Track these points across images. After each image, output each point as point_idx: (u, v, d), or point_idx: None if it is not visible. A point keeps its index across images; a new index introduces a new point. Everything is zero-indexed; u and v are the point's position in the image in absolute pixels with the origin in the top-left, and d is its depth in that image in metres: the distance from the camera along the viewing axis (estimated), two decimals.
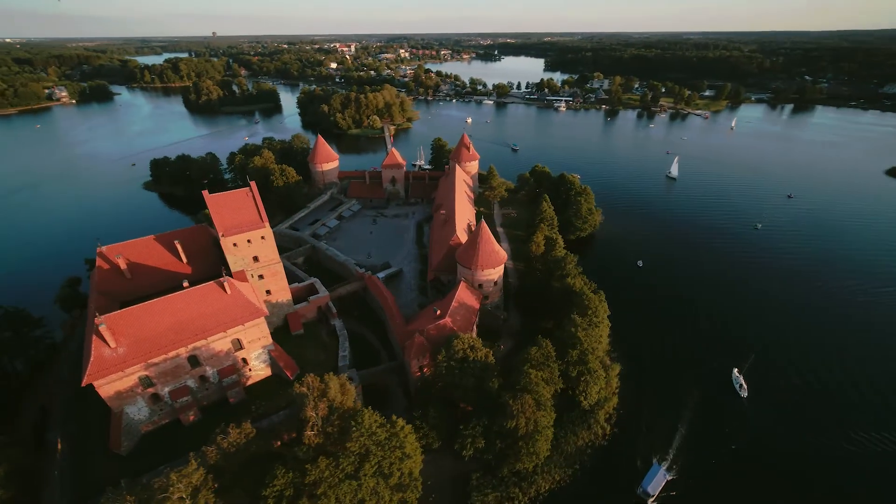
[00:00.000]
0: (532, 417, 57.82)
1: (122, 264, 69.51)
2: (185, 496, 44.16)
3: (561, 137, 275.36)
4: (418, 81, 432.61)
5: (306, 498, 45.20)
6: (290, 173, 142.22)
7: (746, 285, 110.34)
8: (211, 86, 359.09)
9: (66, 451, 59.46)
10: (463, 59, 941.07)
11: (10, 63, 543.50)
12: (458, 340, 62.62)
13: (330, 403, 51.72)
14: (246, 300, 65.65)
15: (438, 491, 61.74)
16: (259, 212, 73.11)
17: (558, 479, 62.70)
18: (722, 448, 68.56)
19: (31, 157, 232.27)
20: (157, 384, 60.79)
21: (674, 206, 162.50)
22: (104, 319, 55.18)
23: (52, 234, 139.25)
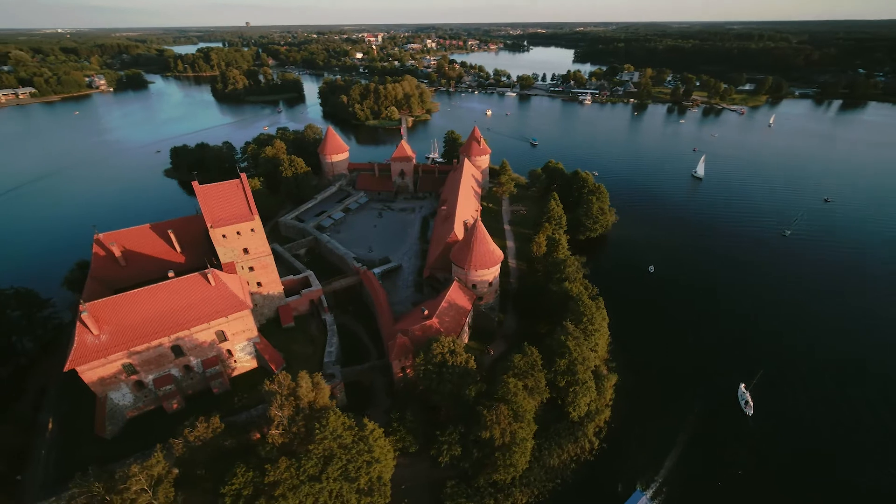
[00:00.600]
0: (508, 429, 55.30)
1: (117, 251, 70.87)
2: (147, 488, 44.44)
3: (584, 132, 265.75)
4: (441, 72, 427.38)
5: (264, 498, 44.60)
6: (300, 164, 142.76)
7: (765, 297, 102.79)
8: (237, 75, 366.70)
9: (55, 431, 61.51)
10: (490, 50, 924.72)
11: (57, 52, 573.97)
12: (437, 344, 60.52)
13: (297, 403, 50.86)
14: (230, 292, 65.70)
15: (413, 495, 60.41)
16: (249, 204, 72.88)
17: (537, 493, 60.09)
18: (720, 471, 64.02)
19: (67, 142, 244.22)
20: (141, 372, 61.83)
21: (696, 208, 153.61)
22: (87, 307, 56.23)
23: (71, 218, 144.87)
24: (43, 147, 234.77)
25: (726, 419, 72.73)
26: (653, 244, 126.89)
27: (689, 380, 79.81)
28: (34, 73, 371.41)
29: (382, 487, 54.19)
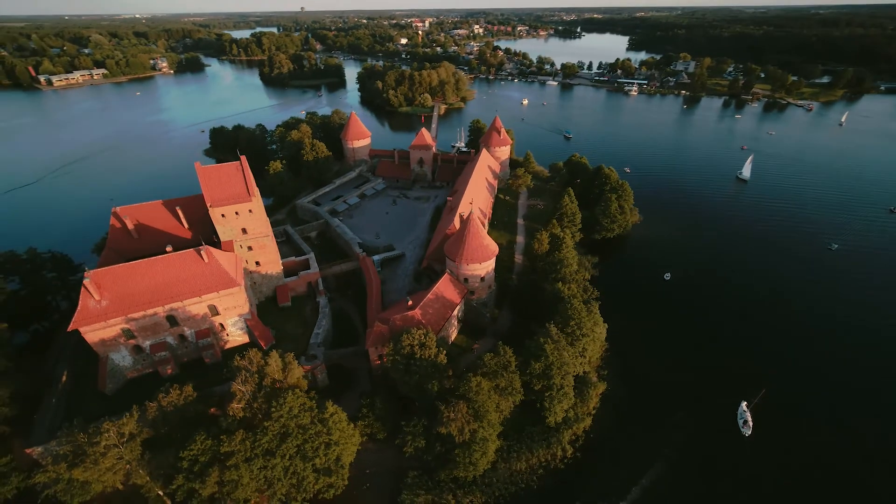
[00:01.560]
0: (466, 427, 54.53)
1: (130, 224, 76.42)
2: (117, 444, 48.36)
3: (624, 126, 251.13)
4: (482, 59, 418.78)
5: (218, 467, 47.13)
6: (321, 148, 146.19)
7: (793, 316, 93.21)
8: (283, 60, 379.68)
9: (67, 384, 68.21)
10: (539, 36, 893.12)
11: (130, 36, 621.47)
12: (407, 336, 60.39)
13: (261, 380, 52.94)
14: (222, 270, 69.04)
15: (375, 481, 61.55)
16: (247, 186, 75.69)
17: (498, 495, 59.10)
18: (698, 497, 59.84)
19: (127, 120, 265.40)
20: (139, 337, 66.85)
21: (735, 214, 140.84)
22: (90, 274, 61.29)
23: (115, 189, 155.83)
24: (108, 124, 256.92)
25: (719, 439, 67.78)
26: (676, 249, 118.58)
27: (689, 396, 74.53)
28: (107, 56, 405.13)
29: (340, 469, 55.53)
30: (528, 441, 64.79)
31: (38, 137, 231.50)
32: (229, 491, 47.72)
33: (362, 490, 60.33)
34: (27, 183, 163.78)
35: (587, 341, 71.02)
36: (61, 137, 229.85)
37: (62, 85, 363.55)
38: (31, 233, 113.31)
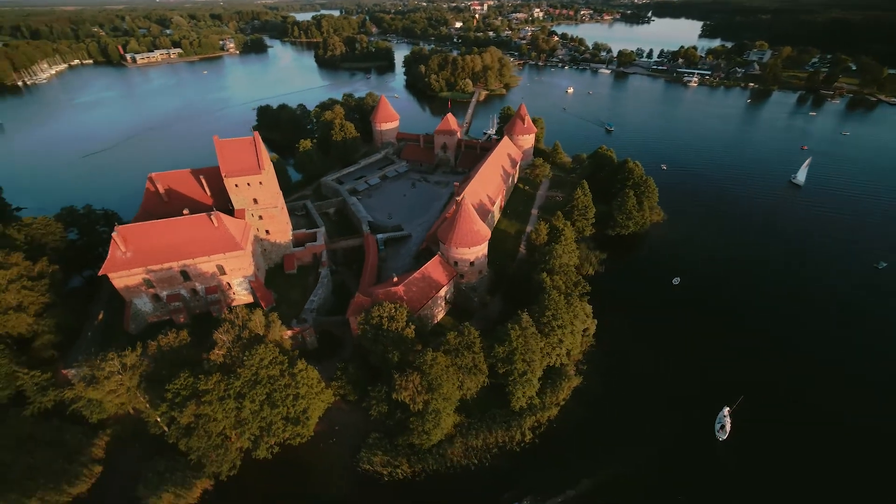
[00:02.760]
0: (419, 397, 57.84)
1: (161, 189, 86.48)
2: (119, 371, 57.14)
3: (674, 119, 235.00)
4: (535, 45, 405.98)
5: (195, 402, 54.32)
6: (349, 129, 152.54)
7: (807, 334, 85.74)
8: (337, 42, 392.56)
9: (101, 322, 79.84)
10: (604, 21, 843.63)
11: (207, 18, 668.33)
12: (378, 308, 64.36)
13: (240, 333, 59.47)
14: (229, 234, 76.71)
15: (342, 437, 66.96)
16: (258, 159, 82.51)
17: (448, 466, 62.27)
18: (653, 492, 59.27)
19: (191, 96, 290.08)
20: (157, 287, 76.61)
21: (775, 220, 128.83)
22: (118, 229, 71.08)
23: (170, 157, 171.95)
24: (177, 99, 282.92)
25: (690, 442, 66.14)
26: (696, 253, 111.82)
27: (668, 401, 72.51)
28: (183, 37, 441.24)
29: (306, 421, 61.32)
30: (489, 421, 67.03)
31: (118, 109, 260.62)
32: (204, 423, 54.88)
33: (328, 443, 66.05)
34: (101, 149, 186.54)
35: (563, 333, 71.01)
36: (137, 110, 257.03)
37: (144, 63, 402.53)
38: (93, 192, 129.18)
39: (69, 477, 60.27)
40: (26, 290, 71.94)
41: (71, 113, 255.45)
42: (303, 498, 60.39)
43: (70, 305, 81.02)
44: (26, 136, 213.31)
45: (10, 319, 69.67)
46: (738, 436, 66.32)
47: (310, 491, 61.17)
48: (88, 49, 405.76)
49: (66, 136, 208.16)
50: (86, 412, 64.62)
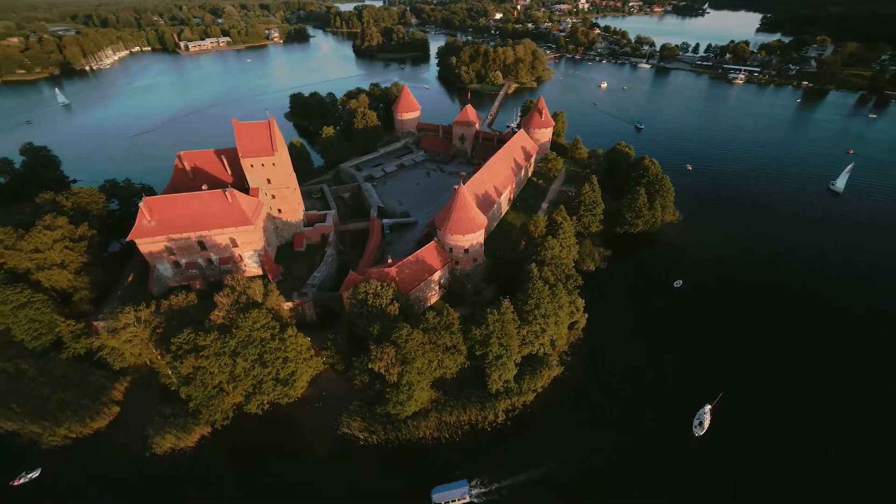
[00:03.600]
0: (393, 369, 61.65)
1: (188, 166, 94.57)
2: (134, 323, 64.71)
3: (714, 118, 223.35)
4: (573, 37, 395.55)
5: (194, 356, 60.82)
6: (371, 117, 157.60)
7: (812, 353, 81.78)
8: (374, 33, 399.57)
9: (131, 283, 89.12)
10: (654, 13, 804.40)
11: (256, 8, 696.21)
12: (366, 284, 68.50)
13: (238, 298, 65.45)
14: (241, 210, 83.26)
15: (327, 402, 72.17)
16: (272, 142, 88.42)
17: (420, 437, 65.98)
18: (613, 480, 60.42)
19: (234, 82, 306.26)
20: (177, 254, 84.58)
21: (805, 229, 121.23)
22: (144, 200, 79.13)
23: (208, 139, 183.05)
24: (221, 85, 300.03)
25: (665, 436, 66.45)
26: (706, 257, 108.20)
27: (650, 398, 72.63)
28: (231, 26, 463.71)
29: (294, 383, 66.91)
30: (465, 400, 70.02)
31: (167, 93, 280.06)
32: (202, 375, 61.36)
33: (315, 407, 71.46)
34: (148, 130, 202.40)
35: (546, 322, 72.40)
36: (184, 94, 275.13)
37: (196, 50, 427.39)
38: (135, 168, 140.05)
39: (92, 413, 69.10)
40: (68, 249, 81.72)
41: (127, 96, 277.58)
42: (287, 453, 66.21)
43: (106, 266, 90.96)
44: (88, 116, 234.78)
45: (53, 274, 79.62)
46: (715, 433, 65.92)
47: (293, 447, 66.95)
48: (148, 37, 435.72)
49: (120, 117, 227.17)
50: (110, 359, 73.56)
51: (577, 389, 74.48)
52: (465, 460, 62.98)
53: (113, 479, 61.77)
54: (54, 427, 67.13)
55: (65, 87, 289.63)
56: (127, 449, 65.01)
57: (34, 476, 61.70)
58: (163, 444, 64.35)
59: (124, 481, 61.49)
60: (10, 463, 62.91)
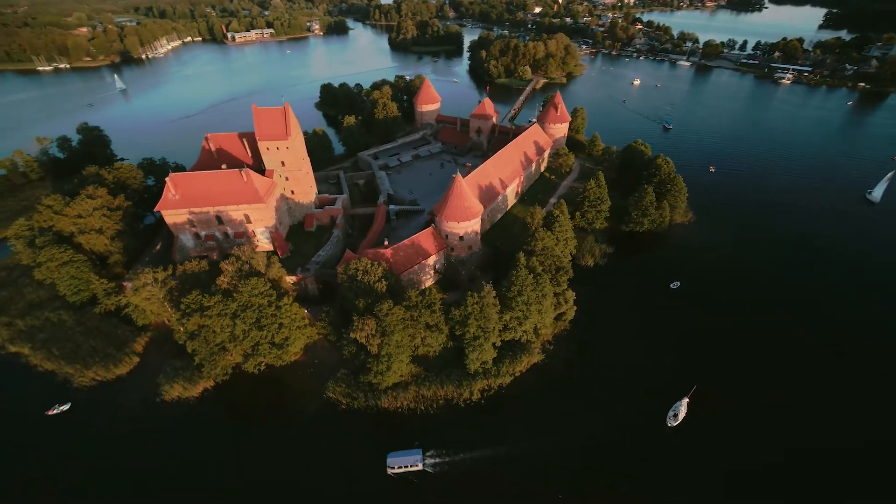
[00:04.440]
0: (374, 341, 66.22)
1: (213, 148, 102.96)
2: (151, 283, 72.84)
3: (750, 120, 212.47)
4: (611, 33, 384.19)
5: (199, 315, 67.93)
6: (391, 109, 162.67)
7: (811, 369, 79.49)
8: (409, 26, 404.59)
9: (159, 251, 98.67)
10: (705, 8, 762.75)
11: (300, 0, 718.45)
12: (357, 261, 73.37)
13: (241, 266, 72.06)
14: (254, 189, 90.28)
15: (317, 369, 78.00)
16: (286, 127, 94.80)
17: (397, 406, 70.43)
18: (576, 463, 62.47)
19: (274, 72, 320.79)
20: (198, 227, 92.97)
21: (829, 237, 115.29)
22: (171, 176, 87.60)
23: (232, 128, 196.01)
24: (261, 74, 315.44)
25: (636, 426, 67.72)
26: (712, 259, 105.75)
27: (629, 389, 73.64)
28: (275, 18, 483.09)
29: (287, 348, 73.13)
30: (444, 377, 73.77)
31: (211, 82, 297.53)
32: (205, 333, 68.52)
33: (307, 372, 77.49)
34: (188, 115, 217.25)
35: (528, 310, 74.57)
36: (225, 83, 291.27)
37: (241, 41, 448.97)
38: (172, 149, 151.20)
39: (115, 361, 78.42)
40: (105, 217, 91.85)
41: (176, 83, 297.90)
42: (277, 410, 72.70)
43: (140, 236, 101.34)
44: (140, 100, 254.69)
45: (92, 238, 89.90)
46: (688, 425, 66.73)
47: (283, 406, 73.35)
48: (199, 28, 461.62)
49: (167, 102, 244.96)
50: (134, 316, 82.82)
51: (556, 377, 76.43)
52: (430, 432, 66.94)
53: (128, 418, 70.27)
54: (84, 370, 76.82)
55: (123, 74, 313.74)
56: (142, 393, 73.48)
57: (65, 409, 71.28)
58: (171, 392, 72.37)
59: (137, 420, 69.83)
60: (46, 396, 72.83)
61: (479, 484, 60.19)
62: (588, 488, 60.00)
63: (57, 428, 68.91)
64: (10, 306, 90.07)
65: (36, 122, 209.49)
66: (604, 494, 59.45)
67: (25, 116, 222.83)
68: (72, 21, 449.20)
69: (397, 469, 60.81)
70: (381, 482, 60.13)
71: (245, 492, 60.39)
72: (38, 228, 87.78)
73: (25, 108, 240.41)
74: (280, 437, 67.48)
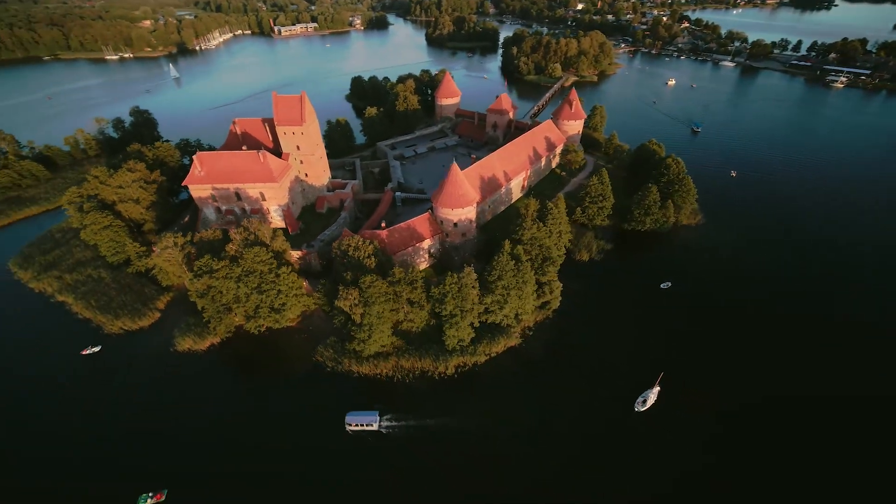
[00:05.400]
0: (356, 310, 72.13)
1: (239, 131, 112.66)
2: (172, 246, 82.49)
3: (792, 124, 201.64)
4: (653, 31, 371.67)
5: (208, 276, 76.53)
6: (412, 101, 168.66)
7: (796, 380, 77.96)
8: (446, 21, 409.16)
9: (186, 222, 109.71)
10: (766, 6, 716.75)
11: None
12: (349, 238, 79.51)
13: (248, 237, 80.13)
14: (269, 169, 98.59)
15: (311, 335, 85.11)
16: (301, 114, 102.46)
17: (376, 372, 76.21)
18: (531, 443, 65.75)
19: (312, 65, 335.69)
20: (219, 202, 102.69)
21: (843, 252, 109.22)
22: (197, 155, 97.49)
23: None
24: (301, 66, 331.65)
25: (603, 410, 70.34)
26: (713, 262, 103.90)
27: (604, 377, 75.73)
28: (319, 13, 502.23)
29: (284, 313, 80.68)
30: (423, 351, 78.80)
31: (255, 72, 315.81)
32: (213, 293, 77.11)
33: (301, 338, 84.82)
34: (229, 103, 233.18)
35: (507, 294, 78.03)
36: (267, 74, 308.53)
37: (287, 35, 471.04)
38: (208, 132, 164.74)
39: (140, 315, 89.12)
40: (142, 189, 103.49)
41: (223, 73, 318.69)
42: (270, 367, 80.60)
43: (172, 207, 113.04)
44: (190, 88, 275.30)
45: (129, 207, 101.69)
46: (656, 411, 69.03)
47: (277, 364, 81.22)
48: (249, 21, 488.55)
49: (213, 90, 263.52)
50: (159, 277, 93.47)
51: (531, 361, 79.45)
52: (400, 398, 72.33)
53: (146, 363, 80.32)
54: (114, 320, 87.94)
55: (178, 63, 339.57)
56: (159, 343, 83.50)
57: (96, 350, 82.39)
58: (183, 344, 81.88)
59: (153, 365, 79.69)
60: (81, 339, 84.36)
61: (429, 448, 65.05)
62: (545, 462, 63.12)
63: (88, 365, 79.96)
64: (61, 263, 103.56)
65: (102, 105, 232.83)
66: (559, 470, 62.42)
67: (92, 99, 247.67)
68: (138, 14, 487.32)
69: (355, 427, 66.74)
70: (340, 438, 66.34)
71: (229, 426, 68.36)
72: (86, 196, 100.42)
73: (93, 93, 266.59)
74: (268, 389, 75.39)
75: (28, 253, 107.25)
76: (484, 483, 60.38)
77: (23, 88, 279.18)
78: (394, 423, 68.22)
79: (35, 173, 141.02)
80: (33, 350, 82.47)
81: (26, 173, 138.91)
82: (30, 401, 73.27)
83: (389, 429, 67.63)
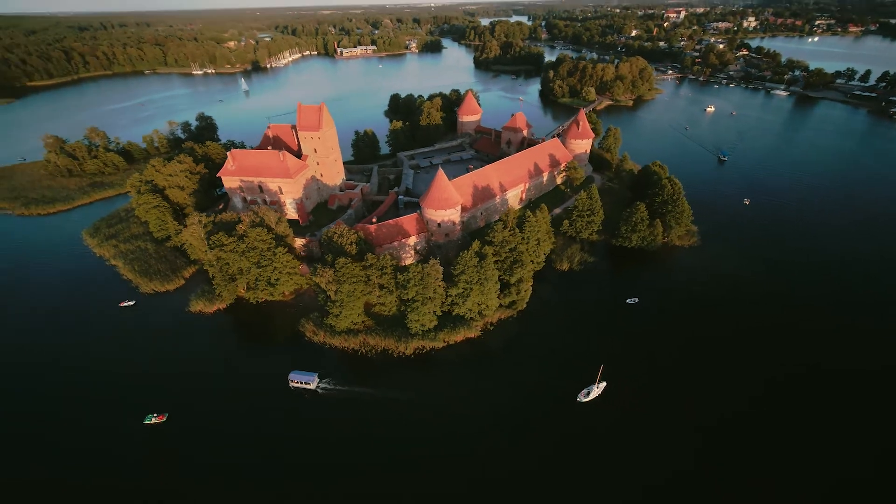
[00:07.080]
0: (331, 286, 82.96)
1: (271, 134, 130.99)
2: (197, 224, 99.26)
3: (839, 159, 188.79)
4: (704, 58, 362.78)
5: (218, 249, 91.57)
6: (434, 117, 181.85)
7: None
8: (493, 45, 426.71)
9: (220, 208, 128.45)
10: (848, 34, 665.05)
11: (409, 20, 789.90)
12: (336, 227, 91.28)
13: (255, 220, 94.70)
14: (287, 167, 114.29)
15: (299, 310, 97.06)
16: (319, 121, 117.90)
17: (344, 346, 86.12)
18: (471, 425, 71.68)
19: (364, 83, 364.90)
20: (245, 193, 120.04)
21: (854, 289, 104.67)
22: (231, 152, 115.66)
23: None
24: (355, 84, 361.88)
25: (546, 400, 74.95)
26: (694, 284, 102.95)
27: (555, 373, 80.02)
28: (379, 37, 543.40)
29: (278, 287, 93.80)
30: (388, 331, 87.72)
31: (313, 88, 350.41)
32: (221, 264, 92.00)
33: (292, 311, 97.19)
34: (282, 113, 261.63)
35: (469, 288, 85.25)
36: (322, 89, 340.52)
37: (348, 56, 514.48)
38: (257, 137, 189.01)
39: (169, 281, 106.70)
40: (187, 178, 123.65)
41: (286, 87, 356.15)
42: (261, 332, 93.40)
43: (212, 196, 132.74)
44: (256, 100, 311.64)
45: (175, 192, 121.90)
46: (599, 402, 73.44)
47: (267, 330, 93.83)
48: (316, 43, 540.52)
49: (273, 103, 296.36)
50: (188, 251, 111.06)
51: (488, 351, 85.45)
52: (368, 370, 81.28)
53: (166, 315, 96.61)
54: (149, 282, 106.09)
55: (250, 78, 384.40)
56: (179, 304, 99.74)
57: (131, 304, 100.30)
58: (195, 307, 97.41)
59: (172, 320, 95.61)
60: (122, 294, 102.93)
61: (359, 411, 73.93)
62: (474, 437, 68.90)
63: (124, 315, 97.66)
64: (120, 234, 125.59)
65: (182, 110, 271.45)
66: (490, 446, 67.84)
67: (176, 106, 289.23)
68: (226, 37, 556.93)
69: (296, 384, 77.39)
70: (282, 391, 77.56)
71: (217, 377, 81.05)
72: (144, 181, 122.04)
73: (178, 101, 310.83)
74: (255, 349, 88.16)
75: (98, 226, 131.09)
76: (398, 449, 67.49)
77: (125, 96, 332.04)
78: (331, 387, 77.58)
79: (116, 164, 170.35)
80: (86, 298, 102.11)
81: (109, 163, 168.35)
82: (76, 331, 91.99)
83: (325, 390, 77.11)
